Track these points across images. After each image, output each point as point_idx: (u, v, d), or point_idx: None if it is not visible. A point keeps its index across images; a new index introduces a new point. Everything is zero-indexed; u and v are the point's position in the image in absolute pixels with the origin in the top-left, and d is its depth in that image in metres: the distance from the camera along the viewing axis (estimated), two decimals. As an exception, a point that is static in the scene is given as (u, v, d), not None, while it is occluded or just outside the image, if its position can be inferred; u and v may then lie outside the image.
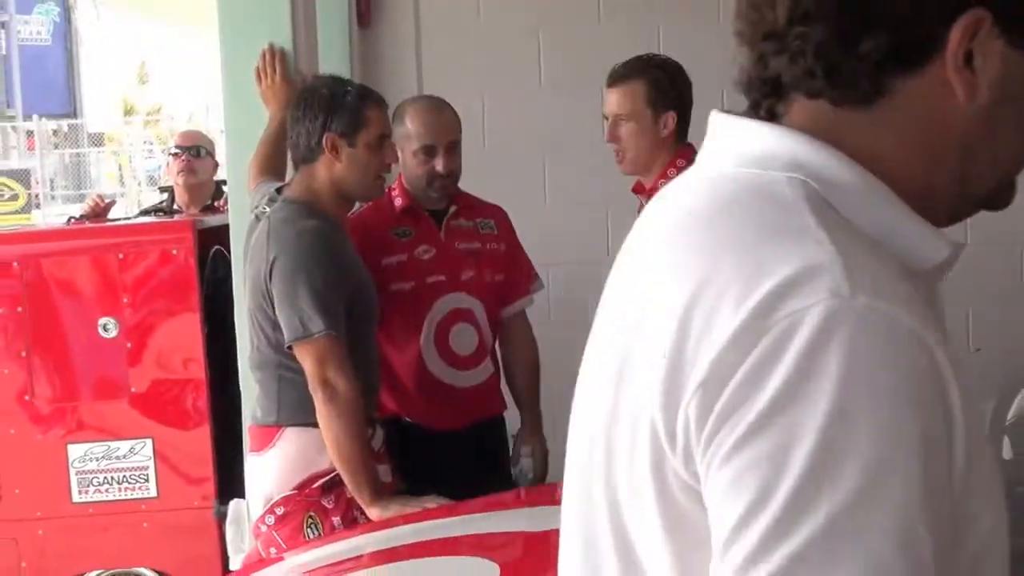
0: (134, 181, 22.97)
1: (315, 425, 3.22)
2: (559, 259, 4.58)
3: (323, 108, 3.33)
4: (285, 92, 3.69)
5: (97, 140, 24.76)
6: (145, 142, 25.81)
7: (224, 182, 5.15)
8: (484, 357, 3.81)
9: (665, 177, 3.66)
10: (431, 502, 3.14)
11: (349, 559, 2.90)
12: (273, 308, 3.26)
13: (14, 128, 24.16)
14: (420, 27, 5.35)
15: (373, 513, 3.17)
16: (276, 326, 3.28)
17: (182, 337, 4.58)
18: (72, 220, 5.78)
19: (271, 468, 3.32)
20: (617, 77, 3.64)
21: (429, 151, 3.70)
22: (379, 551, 2.96)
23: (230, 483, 4.36)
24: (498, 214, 3.94)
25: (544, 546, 2.85)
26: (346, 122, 3.33)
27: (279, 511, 3.29)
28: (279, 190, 3.46)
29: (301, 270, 3.21)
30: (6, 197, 17.65)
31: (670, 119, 3.63)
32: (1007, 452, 2.68)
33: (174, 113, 27.33)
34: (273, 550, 3.25)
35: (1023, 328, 3.21)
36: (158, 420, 4.58)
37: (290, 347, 3.24)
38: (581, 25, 5.34)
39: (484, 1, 5.41)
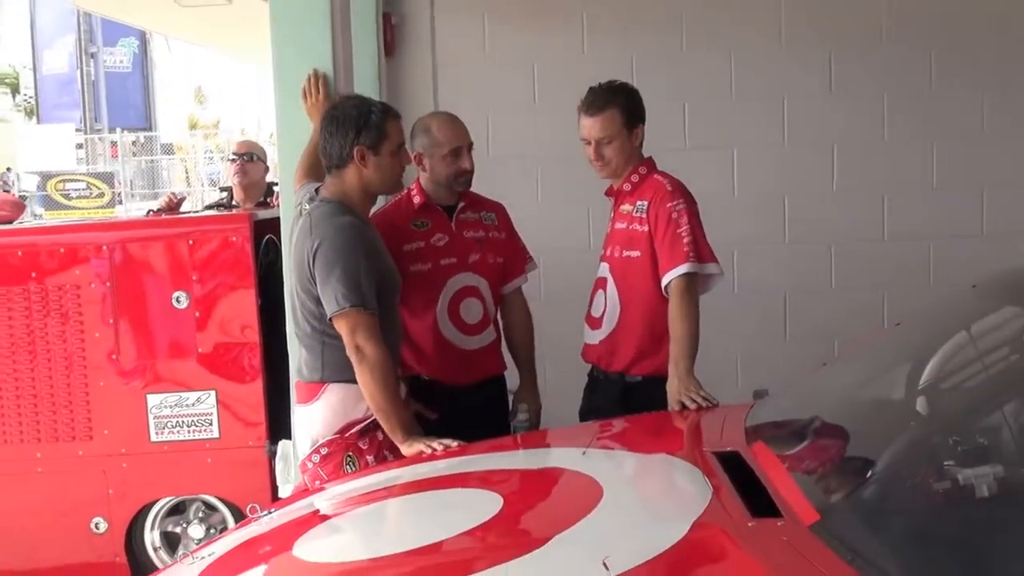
0: (198, 182, 22.92)
1: (353, 381, 3.21)
2: (549, 246, 4.54)
3: (353, 125, 3.29)
4: (327, 109, 3.66)
5: (168, 149, 24.62)
6: (206, 151, 25.73)
7: (276, 183, 5.12)
8: (488, 325, 3.79)
9: (629, 181, 3.67)
10: (450, 442, 3.12)
11: (379, 489, 2.89)
12: (315, 286, 3.24)
13: (100, 139, 23.99)
14: (436, 56, 5.32)
15: (403, 449, 3.17)
16: (318, 301, 3.25)
17: (240, 308, 4.54)
18: (151, 213, 5.78)
19: (316, 416, 3.30)
20: (594, 108, 3.59)
21: (457, 152, 3.69)
22: (403, 483, 2.95)
23: (279, 426, 4.36)
24: (499, 209, 3.91)
25: (538, 480, 2.85)
26: (373, 136, 3.30)
27: (323, 451, 3.28)
28: (318, 190, 3.43)
29: (339, 256, 3.19)
30: (94, 195, 17.59)
31: (640, 131, 3.64)
32: (923, 409, 2.66)
33: (230, 127, 27.17)
34: (317, 482, 3.24)
35: (930, 307, 3.24)
36: (220, 375, 4.56)
37: (331, 319, 3.22)
38: (568, 56, 5.31)
39: (489, 36, 5.37)
